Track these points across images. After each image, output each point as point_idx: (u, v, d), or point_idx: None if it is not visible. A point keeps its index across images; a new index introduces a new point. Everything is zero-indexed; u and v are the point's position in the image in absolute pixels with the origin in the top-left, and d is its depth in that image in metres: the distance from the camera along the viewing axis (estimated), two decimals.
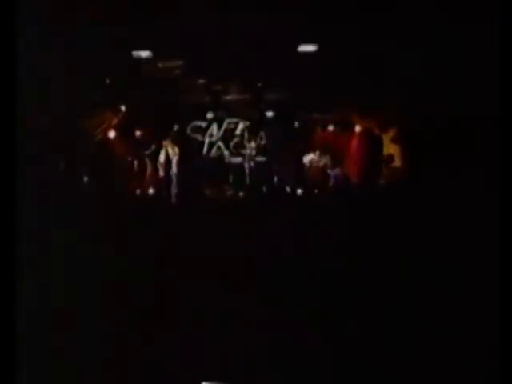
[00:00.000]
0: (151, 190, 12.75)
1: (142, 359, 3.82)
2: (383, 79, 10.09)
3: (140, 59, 10.30)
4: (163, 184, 12.97)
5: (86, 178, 11.76)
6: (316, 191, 12.50)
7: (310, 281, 5.15)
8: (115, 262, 5.46)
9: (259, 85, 12.45)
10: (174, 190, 12.75)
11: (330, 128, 13.82)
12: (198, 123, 14.22)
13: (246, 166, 13.93)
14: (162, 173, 13.14)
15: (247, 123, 14.21)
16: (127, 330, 4.21)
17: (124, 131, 12.93)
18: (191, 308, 4.57)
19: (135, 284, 5.00)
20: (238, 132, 14.24)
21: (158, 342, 4.07)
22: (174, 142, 13.30)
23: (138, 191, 12.49)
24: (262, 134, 14.15)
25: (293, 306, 4.62)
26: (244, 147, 14.13)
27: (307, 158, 13.57)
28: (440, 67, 8.34)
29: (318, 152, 13.57)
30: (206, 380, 3.53)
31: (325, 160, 13.56)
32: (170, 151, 13.19)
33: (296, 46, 10.05)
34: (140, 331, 4.18)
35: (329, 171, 13.11)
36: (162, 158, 13.18)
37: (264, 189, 13.11)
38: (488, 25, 4.80)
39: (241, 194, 12.95)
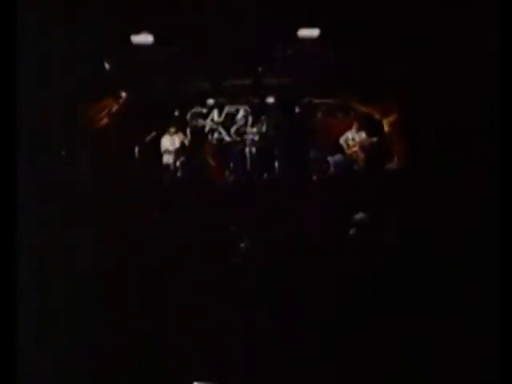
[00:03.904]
0: (153, 177, 12.71)
1: (143, 359, 3.84)
2: (384, 64, 10.05)
3: (140, 45, 10.27)
4: (164, 170, 12.96)
5: (86, 165, 11.71)
6: (316, 177, 12.44)
7: (310, 273, 5.14)
8: (117, 252, 5.47)
9: (260, 70, 12.40)
10: (175, 175, 12.77)
11: (331, 113, 13.72)
12: (199, 109, 14.15)
13: (247, 151, 13.88)
14: (163, 159, 13.12)
15: (248, 109, 14.13)
16: (130, 328, 4.23)
17: (124, 118, 12.87)
18: (193, 303, 4.58)
19: (138, 274, 5.01)
20: (238, 117, 14.17)
21: (159, 341, 4.09)
22: (175, 128, 13.26)
23: (139, 178, 12.45)
24: (263, 119, 14.06)
25: (292, 297, 4.62)
26: (245, 133, 14.06)
27: (343, 138, 13.11)
28: (440, 58, 8.32)
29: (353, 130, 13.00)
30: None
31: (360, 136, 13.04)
32: (170, 137, 13.15)
33: (296, 31, 10.02)
34: (142, 330, 4.21)
35: (329, 158, 12.99)
36: (162, 144, 13.15)
37: (265, 174, 13.10)
38: (489, 17, 4.77)
39: (242, 179, 12.93)
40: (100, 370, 3.76)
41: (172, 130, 13.13)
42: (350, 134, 12.88)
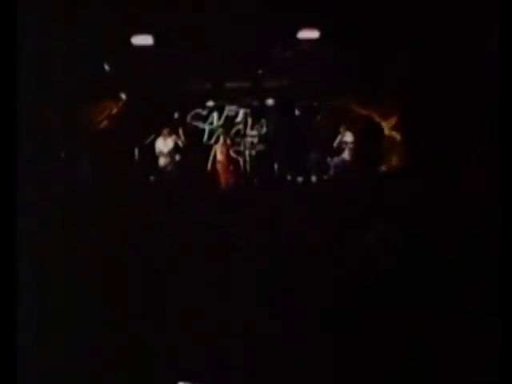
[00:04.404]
0: (152, 179, 12.73)
1: (143, 359, 3.84)
2: (384, 65, 10.05)
3: (140, 46, 10.27)
4: (163, 172, 12.94)
5: (86, 167, 11.71)
6: (317, 179, 12.48)
7: (310, 273, 5.14)
8: (117, 251, 5.47)
9: (259, 72, 12.40)
10: (174, 178, 12.75)
11: (331, 115, 13.71)
12: (199, 111, 14.16)
13: (247, 153, 13.89)
14: (162, 161, 13.10)
15: (248, 111, 14.15)
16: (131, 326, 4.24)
17: (124, 119, 12.86)
18: (193, 303, 4.58)
19: (138, 274, 5.01)
20: (238, 120, 14.19)
21: (159, 341, 4.09)
22: (175, 130, 13.25)
23: (138, 180, 12.48)
24: (263, 121, 14.09)
25: (292, 297, 4.62)
26: (245, 135, 14.08)
27: (336, 142, 13.24)
28: (440, 58, 8.32)
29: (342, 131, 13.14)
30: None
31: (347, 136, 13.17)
32: (164, 139, 13.12)
33: (296, 32, 10.02)
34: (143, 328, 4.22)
35: (328, 159, 13.04)
36: (162, 146, 13.13)
37: (265, 177, 13.13)
38: (489, 17, 4.78)
39: (242, 182, 12.97)
40: (100, 369, 3.76)
41: (165, 132, 13.08)
42: (340, 137, 13.00)
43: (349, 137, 12.89)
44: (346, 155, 12.87)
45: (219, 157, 13.06)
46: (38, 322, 3.84)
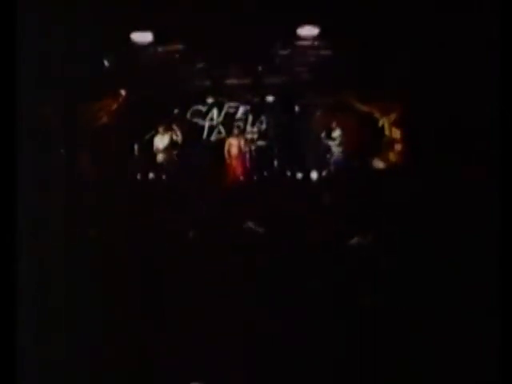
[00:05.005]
0: (151, 176, 12.71)
1: (143, 359, 3.84)
2: (384, 64, 10.06)
3: (140, 43, 10.29)
4: (163, 169, 12.92)
5: (85, 164, 11.72)
6: (317, 176, 12.48)
7: (310, 272, 5.13)
8: (117, 251, 5.47)
9: (260, 69, 12.40)
10: (174, 175, 12.73)
11: (330, 112, 13.70)
12: (199, 107, 14.15)
13: (247, 150, 13.84)
14: (161, 158, 13.07)
15: (248, 107, 14.14)
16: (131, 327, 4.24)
17: (124, 116, 12.84)
18: (193, 303, 4.58)
19: (138, 274, 5.01)
20: (238, 116, 14.18)
21: (159, 341, 4.09)
22: (174, 127, 13.23)
23: (138, 177, 12.47)
24: (263, 118, 14.09)
25: (292, 297, 4.62)
26: (245, 132, 14.06)
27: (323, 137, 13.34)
28: (441, 57, 8.33)
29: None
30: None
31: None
32: (161, 136, 13.09)
33: (296, 30, 10.05)
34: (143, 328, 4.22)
35: (328, 156, 13.06)
36: (161, 142, 13.10)
37: (265, 173, 13.13)
38: (489, 17, 4.78)
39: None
40: (100, 369, 3.76)
41: (165, 128, 13.06)
42: (326, 133, 13.08)
43: (337, 133, 12.98)
44: (341, 152, 12.92)
45: (234, 150, 13.07)
46: (38, 321, 3.84)
